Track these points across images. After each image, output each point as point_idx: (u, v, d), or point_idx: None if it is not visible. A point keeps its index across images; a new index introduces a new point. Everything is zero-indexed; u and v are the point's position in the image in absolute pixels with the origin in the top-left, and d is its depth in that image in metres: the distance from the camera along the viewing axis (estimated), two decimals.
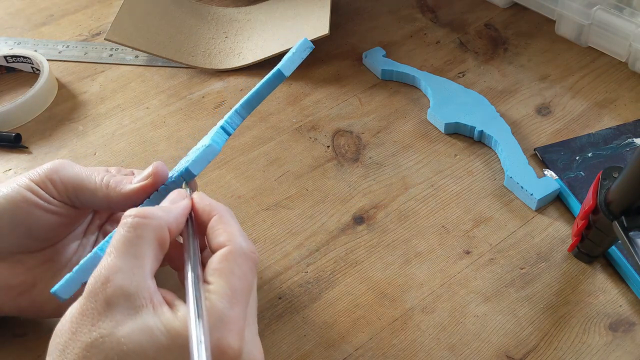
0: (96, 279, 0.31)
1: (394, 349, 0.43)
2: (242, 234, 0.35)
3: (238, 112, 0.41)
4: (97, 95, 0.63)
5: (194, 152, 0.41)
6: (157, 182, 0.40)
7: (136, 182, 0.40)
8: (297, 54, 0.41)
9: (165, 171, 0.40)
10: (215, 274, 0.33)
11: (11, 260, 0.40)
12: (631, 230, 0.40)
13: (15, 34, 0.71)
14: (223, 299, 0.32)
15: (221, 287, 0.32)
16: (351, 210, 0.51)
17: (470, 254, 0.48)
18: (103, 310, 0.30)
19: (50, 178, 0.40)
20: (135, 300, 0.31)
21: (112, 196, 0.40)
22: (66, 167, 0.41)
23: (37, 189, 0.40)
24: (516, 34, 0.67)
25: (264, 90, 0.41)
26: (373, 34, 0.68)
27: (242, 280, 0.33)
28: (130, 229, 0.33)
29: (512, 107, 0.59)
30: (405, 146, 0.56)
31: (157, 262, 0.33)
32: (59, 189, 0.40)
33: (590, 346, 0.42)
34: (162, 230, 0.34)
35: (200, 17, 0.69)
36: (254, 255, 0.35)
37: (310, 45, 0.41)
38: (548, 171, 0.53)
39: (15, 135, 0.58)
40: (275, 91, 0.62)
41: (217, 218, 0.36)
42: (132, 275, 0.31)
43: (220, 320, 0.31)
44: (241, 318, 0.32)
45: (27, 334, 0.44)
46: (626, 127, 0.56)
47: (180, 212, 0.36)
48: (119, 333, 0.30)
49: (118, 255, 0.32)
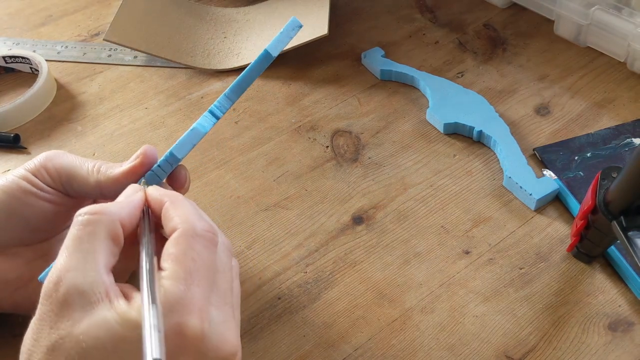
0: (49, 281, 0.31)
1: (393, 349, 0.43)
2: (197, 214, 0.35)
3: (227, 96, 0.41)
4: (96, 95, 0.63)
5: None
6: (145, 163, 0.40)
7: (125, 165, 0.40)
8: (284, 33, 0.40)
9: (154, 153, 0.40)
10: (168, 259, 0.32)
11: (8, 253, 0.40)
12: (630, 230, 0.40)
13: (14, 34, 0.71)
14: (177, 282, 0.31)
15: (174, 270, 0.31)
16: (350, 211, 0.51)
17: (470, 254, 0.48)
18: (59, 311, 0.30)
19: (45, 166, 0.40)
20: (90, 296, 0.30)
21: (103, 181, 0.40)
22: (60, 156, 0.41)
23: (32, 178, 0.40)
24: (515, 34, 0.67)
25: (253, 73, 0.41)
26: (372, 34, 0.68)
27: (196, 261, 0.32)
28: (81, 226, 0.33)
29: (511, 107, 0.59)
30: (405, 146, 0.56)
31: (113, 257, 0.33)
32: (53, 176, 0.40)
33: (590, 346, 0.42)
34: (114, 224, 0.33)
35: (199, 18, 0.69)
36: (208, 234, 0.34)
37: (299, 24, 0.41)
38: (547, 171, 0.53)
39: (14, 135, 0.58)
40: (275, 91, 0.62)
41: (169, 204, 0.35)
42: (84, 272, 0.31)
43: (177, 303, 0.30)
44: (200, 299, 0.31)
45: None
46: (625, 127, 0.56)
47: (133, 206, 0.36)
48: (76, 331, 0.29)
49: (69, 254, 0.32)
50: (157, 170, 0.40)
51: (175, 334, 0.30)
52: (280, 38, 0.40)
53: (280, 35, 0.40)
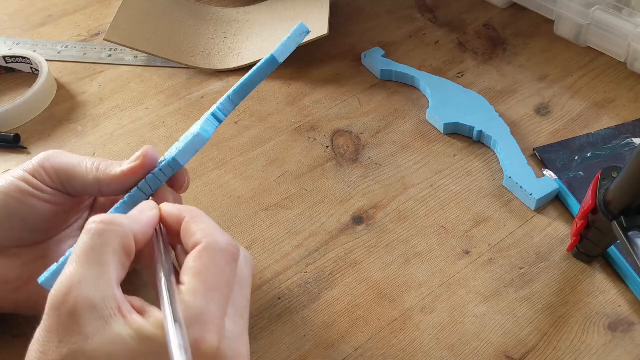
0: (57, 291, 0.30)
1: (394, 349, 0.43)
2: (218, 228, 0.34)
3: (231, 99, 0.40)
4: (96, 95, 0.63)
5: (183, 139, 0.40)
6: (146, 164, 0.39)
7: (126, 165, 0.40)
8: (291, 38, 0.40)
9: (154, 155, 0.40)
10: (189, 272, 0.32)
11: (7, 254, 0.40)
12: (630, 230, 0.40)
13: (14, 34, 0.71)
14: (197, 297, 0.31)
15: (194, 285, 0.31)
16: (350, 211, 0.51)
17: (470, 254, 0.48)
18: (69, 324, 0.29)
19: (43, 166, 0.40)
20: (101, 310, 0.29)
21: (102, 178, 0.39)
22: (59, 155, 0.41)
23: (30, 179, 0.40)
24: (515, 34, 0.67)
25: (257, 77, 0.40)
26: (372, 34, 0.68)
27: (218, 276, 0.32)
28: (94, 235, 0.32)
29: (511, 107, 0.59)
30: (405, 146, 0.56)
31: (124, 271, 0.32)
32: (51, 176, 0.40)
33: (590, 346, 0.42)
34: (128, 238, 0.33)
35: (200, 18, 0.69)
36: (232, 249, 0.33)
37: (306, 29, 0.40)
38: (547, 171, 0.53)
39: (14, 135, 0.58)
40: (275, 91, 0.62)
41: (189, 219, 0.35)
42: (96, 284, 0.30)
43: (196, 319, 0.30)
44: (218, 314, 0.31)
45: (26, 334, 0.44)
46: (625, 127, 0.56)
47: (147, 222, 0.35)
48: (89, 347, 0.29)
49: (80, 263, 0.31)
50: (158, 173, 0.39)
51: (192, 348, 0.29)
52: (287, 43, 0.40)
53: (287, 41, 0.40)
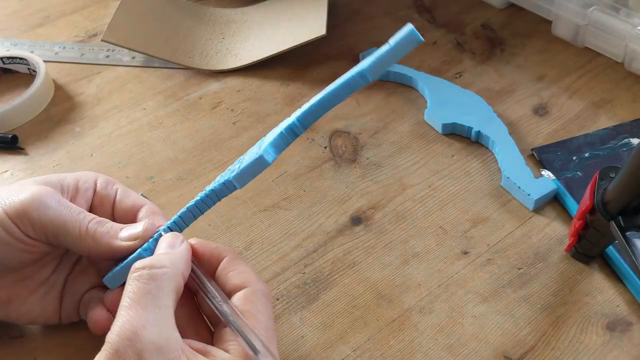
0: (120, 336, 0.30)
1: (392, 350, 0.43)
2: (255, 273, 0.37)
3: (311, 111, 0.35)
4: (94, 96, 0.63)
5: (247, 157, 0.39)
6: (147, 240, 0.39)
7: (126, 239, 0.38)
8: (400, 46, 0.31)
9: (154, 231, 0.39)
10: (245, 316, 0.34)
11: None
12: (628, 230, 0.40)
13: (12, 35, 0.71)
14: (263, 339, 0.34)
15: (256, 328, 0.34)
16: (349, 211, 0.51)
17: (468, 255, 0.48)
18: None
19: (29, 217, 0.37)
20: (168, 353, 0.30)
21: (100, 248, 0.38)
22: (48, 206, 0.37)
23: (10, 226, 0.37)
24: (513, 34, 0.67)
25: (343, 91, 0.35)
26: (370, 35, 0.68)
27: (269, 318, 0.35)
28: (149, 280, 0.32)
29: (509, 108, 0.59)
30: (403, 147, 0.56)
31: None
32: (36, 229, 0.37)
33: (588, 346, 0.42)
34: (179, 278, 0.34)
35: (197, 18, 0.69)
36: (270, 293, 0.37)
37: (418, 38, 0.32)
38: (545, 171, 0.53)
39: (12, 136, 0.58)
40: (273, 92, 0.62)
41: (228, 261, 0.37)
42: (160, 327, 0.31)
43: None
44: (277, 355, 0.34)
45: (24, 335, 0.44)
46: (623, 127, 0.56)
47: (187, 257, 0.36)
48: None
49: (141, 308, 0.31)
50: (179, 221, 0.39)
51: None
52: (393, 53, 0.32)
53: (392, 50, 0.32)
